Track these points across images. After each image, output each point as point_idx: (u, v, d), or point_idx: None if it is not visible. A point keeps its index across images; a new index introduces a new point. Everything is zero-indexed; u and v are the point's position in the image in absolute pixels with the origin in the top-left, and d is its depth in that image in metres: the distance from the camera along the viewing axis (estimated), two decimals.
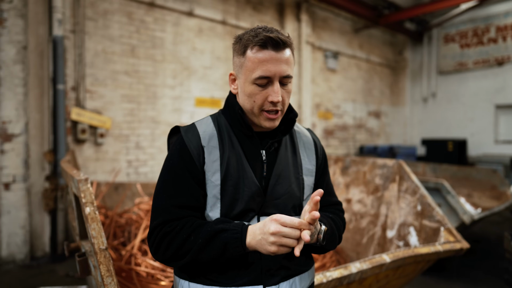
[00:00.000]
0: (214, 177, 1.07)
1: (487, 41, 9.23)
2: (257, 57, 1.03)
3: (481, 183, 5.32)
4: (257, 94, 1.05)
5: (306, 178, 1.19)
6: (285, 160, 1.15)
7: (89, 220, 1.46)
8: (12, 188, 4.27)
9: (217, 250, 0.99)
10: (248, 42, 1.05)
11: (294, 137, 1.23)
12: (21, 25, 4.30)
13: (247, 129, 1.11)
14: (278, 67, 1.03)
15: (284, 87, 1.07)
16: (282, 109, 1.09)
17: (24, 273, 4.00)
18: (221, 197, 1.07)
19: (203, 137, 1.10)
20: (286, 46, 1.05)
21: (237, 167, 1.08)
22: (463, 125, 9.65)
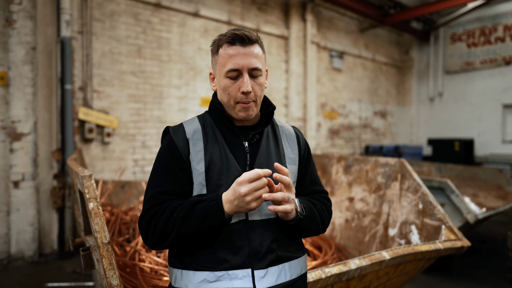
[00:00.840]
0: (198, 166, 1.15)
1: (495, 40, 9.14)
2: (227, 53, 1.14)
3: (487, 183, 5.29)
4: (230, 86, 1.16)
5: (289, 166, 1.27)
6: (267, 150, 1.23)
7: (93, 215, 1.50)
8: (21, 186, 4.36)
9: (197, 220, 1.06)
10: (220, 41, 1.18)
11: (276, 130, 1.32)
12: (30, 27, 4.39)
13: (229, 123, 1.21)
14: (245, 60, 1.13)
15: (254, 79, 1.16)
16: (255, 100, 1.18)
17: (33, 270, 4.08)
18: (206, 183, 1.14)
19: (188, 132, 1.21)
20: (252, 42, 1.16)
21: (220, 156, 1.17)
22: (470, 124, 9.57)
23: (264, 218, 1.16)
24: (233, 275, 1.10)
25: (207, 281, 1.10)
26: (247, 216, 1.14)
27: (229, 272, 1.10)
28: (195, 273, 1.12)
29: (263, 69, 1.19)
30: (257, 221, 1.15)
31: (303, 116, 7.55)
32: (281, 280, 1.15)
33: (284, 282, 1.15)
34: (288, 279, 1.17)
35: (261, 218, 1.15)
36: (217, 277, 1.10)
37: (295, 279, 1.20)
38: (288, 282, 1.16)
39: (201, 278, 1.11)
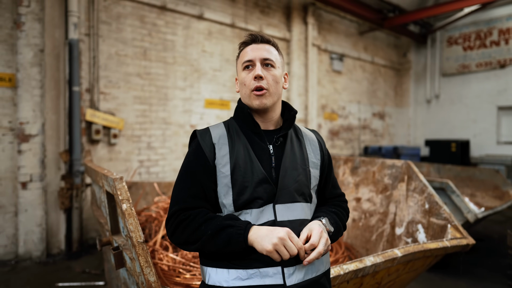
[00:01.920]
0: (224, 169, 1.23)
1: (490, 44, 9.33)
2: (243, 52, 1.31)
3: (484, 183, 5.43)
4: (246, 77, 1.28)
5: (312, 170, 1.34)
6: (292, 154, 1.31)
7: (126, 215, 1.58)
8: (29, 187, 4.41)
9: (222, 242, 1.14)
10: (241, 46, 1.35)
11: (299, 135, 1.40)
12: (38, 29, 4.44)
13: (255, 127, 1.29)
14: (258, 52, 1.27)
15: (267, 68, 1.27)
16: (267, 88, 1.26)
17: (41, 270, 4.13)
18: (232, 186, 1.21)
19: (214, 137, 1.29)
20: (265, 41, 1.31)
21: (245, 159, 1.24)
22: (466, 126, 9.75)
23: (292, 219, 1.23)
24: (264, 273, 1.17)
25: (240, 279, 1.17)
26: (275, 217, 1.21)
27: (260, 270, 1.17)
28: (228, 271, 1.19)
29: (277, 63, 1.29)
30: (285, 222, 1.22)
31: (304, 118, 7.66)
32: (308, 276, 1.22)
33: (311, 278, 1.23)
34: (315, 275, 1.25)
35: (288, 219, 1.23)
36: (249, 275, 1.17)
37: (321, 275, 1.28)
38: (314, 278, 1.24)
39: (234, 276, 1.17)
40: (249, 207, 1.21)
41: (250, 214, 1.20)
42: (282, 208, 1.23)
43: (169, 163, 5.70)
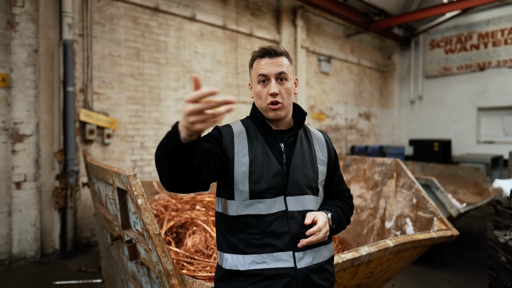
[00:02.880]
0: (244, 159, 1.36)
1: (470, 47, 9.73)
2: (258, 64, 1.40)
3: (465, 181, 5.71)
4: (261, 91, 1.38)
5: (320, 166, 1.48)
6: (301, 151, 1.45)
7: (142, 210, 1.69)
8: (23, 187, 4.42)
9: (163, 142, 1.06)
10: (253, 57, 1.44)
11: (308, 134, 1.54)
12: (32, 29, 4.45)
13: (267, 128, 1.43)
14: (272, 68, 1.37)
15: (281, 83, 1.38)
16: (282, 102, 1.37)
17: (37, 269, 4.15)
18: (249, 175, 1.34)
19: (235, 131, 1.42)
20: (278, 54, 1.39)
21: (262, 154, 1.38)
22: (448, 126, 10.13)
23: (301, 210, 1.38)
24: (277, 257, 1.31)
25: (255, 262, 1.30)
26: (286, 208, 1.35)
27: (273, 254, 1.31)
28: (244, 256, 1.32)
29: (289, 75, 1.40)
30: (295, 212, 1.36)
31: None
32: (316, 261, 1.37)
33: (318, 263, 1.38)
34: (321, 260, 1.40)
35: (297, 209, 1.37)
36: (263, 259, 1.30)
37: (326, 260, 1.43)
38: (321, 262, 1.39)
39: (250, 260, 1.31)
40: (263, 197, 1.33)
41: (264, 203, 1.33)
42: (292, 199, 1.37)
43: None
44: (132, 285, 2.21)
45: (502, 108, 9.27)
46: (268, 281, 1.28)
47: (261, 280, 1.29)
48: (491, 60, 9.34)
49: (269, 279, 1.28)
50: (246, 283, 1.30)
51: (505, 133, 9.34)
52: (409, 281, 3.96)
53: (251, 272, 1.30)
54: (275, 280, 1.28)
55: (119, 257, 2.45)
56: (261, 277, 1.29)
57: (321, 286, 1.37)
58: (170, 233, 2.90)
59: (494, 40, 9.30)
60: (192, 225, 2.94)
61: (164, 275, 1.54)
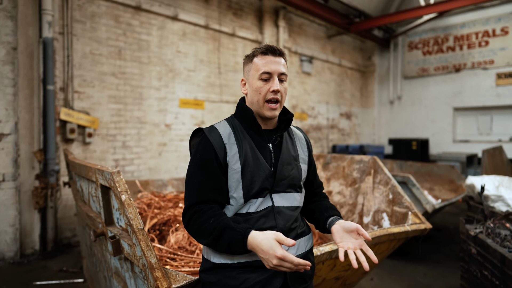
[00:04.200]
0: (235, 166, 1.39)
1: (446, 49, 10.07)
2: (261, 60, 1.41)
3: (441, 178, 5.93)
4: (262, 87, 1.39)
5: (302, 165, 1.56)
6: (287, 151, 1.51)
7: (126, 205, 1.72)
8: (2, 186, 4.34)
9: (225, 244, 1.28)
10: (255, 52, 1.45)
11: (291, 134, 1.61)
12: (11, 27, 4.38)
13: (257, 127, 1.46)
14: (276, 66, 1.40)
15: (281, 83, 1.41)
16: (280, 101, 1.41)
17: (15, 270, 4.09)
18: (242, 180, 1.38)
19: (224, 136, 1.42)
20: (281, 54, 1.44)
21: (252, 157, 1.42)
22: (426, 126, 10.45)
23: (287, 206, 1.45)
24: None
25: (243, 256, 1.35)
26: (273, 204, 1.42)
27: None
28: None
29: (287, 77, 1.47)
30: (281, 207, 1.43)
31: None
32: (299, 252, 1.46)
33: (302, 253, 1.47)
34: (304, 250, 1.49)
35: (283, 205, 1.44)
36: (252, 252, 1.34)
37: (308, 250, 1.53)
38: (303, 253, 1.48)
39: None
40: (256, 197, 1.40)
41: (255, 203, 1.40)
42: (278, 196, 1.44)
43: (144, 162, 5.75)
44: (115, 281, 2.23)
45: (477, 108, 9.64)
46: (257, 270, 1.34)
47: (251, 270, 1.35)
48: (466, 62, 9.70)
49: (259, 269, 1.34)
50: (234, 272, 1.35)
51: (479, 132, 9.72)
52: (387, 275, 4.10)
53: (239, 264, 1.35)
54: (264, 268, 1.34)
55: (102, 254, 2.46)
56: (250, 267, 1.35)
57: (305, 274, 1.46)
58: (154, 230, 2.92)
59: (469, 42, 9.66)
60: (175, 222, 2.97)
61: (148, 268, 1.58)
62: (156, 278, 1.54)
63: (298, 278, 1.42)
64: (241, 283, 1.34)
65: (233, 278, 1.35)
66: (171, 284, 1.52)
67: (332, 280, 2.45)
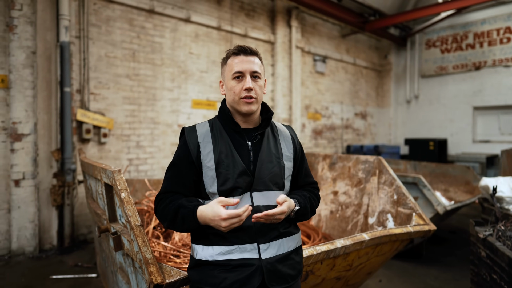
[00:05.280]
0: (209, 163, 1.45)
1: (466, 47, 9.80)
2: (233, 61, 1.48)
3: (457, 179, 5.79)
4: (235, 86, 1.46)
5: (285, 162, 1.57)
6: (267, 149, 1.53)
7: (125, 203, 1.80)
8: (22, 184, 4.55)
9: (180, 223, 1.40)
10: (228, 54, 1.52)
11: (275, 132, 1.63)
12: (30, 32, 4.58)
13: (235, 126, 1.51)
14: (248, 65, 1.46)
15: (254, 81, 1.47)
16: (256, 97, 1.46)
17: (35, 264, 4.28)
18: (217, 177, 1.44)
19: (199, 136, 1.51)
20: (253, 53, 1.50)
21: (227, 154, 1.47)
22: (444, 125, 10.20)
23: (266, 205, 1.47)
24: (243, 248, 1.41)
25: (222, 254, 1.41)
26: (252, 203, 1.45)
27: (239, 246, 1.41)
28: (213, 248, 1.42)
29: (262, 75, 1.51)
30: (260, 207, 1.45)
31: (289, 117, 7.93)
32: (280, 252, 1.47)
33: (283, 253, 1.47)
34: (286, 250, 1.49)
35: (263, 204, 1.46)
36: (231, 250, 1.40)
37: (292, 250, 1.52)
38: (286, 253, 1.48)
39: (217, 252, 1.41)
40: (232, 195, 1.43)
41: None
42: (258, 195, 1.47)
43: (158, 161, 5.89)
44: (120, 276, 2.32)
45: (498, 107, 9.33)
46: (235, 270, 1.39)
47: (229, 269, 1.39)
48: (487, 60, 9.41)
49: (236, 268, 1.39)
50: (215, 271, 1.40)
51: (501, 132, 9.41)
52: (396, 277, 4.06)
53: (218, 262, 1.40)
54: (241, 268, 1.38)
55: (109, 250, 2.57)
56: (228, 266, 1.39)
57: (286, 274, 1.46)
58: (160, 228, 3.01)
59: (490, 39, 9.37)
60: None
61: (143, 263, 1.65)
62: (150, 273, 1.61)
63: (278, 278, 1.43)
64: (220, 282, 1.38)
65: (214, 277, 1.40)
66: (165, 279, 1.58)
67: (332, 280, 2.46)
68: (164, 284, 1.55)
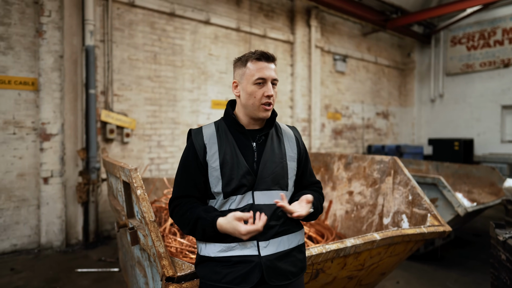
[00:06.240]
0: (214, 164, 1.51)
1: (494, 43, 9.44)
2: (255, 66, 1.50)
3: (481, 180, 5.61)
4: (257, 91, 1.49)
5: (289, 162, 1.61)
6: (271, 150, 1.57)
7: (140, 199, 1.89)
8: (50, 182, 4.79)
9: (200, 233, 1.47)
10: (248, 57, 1.53)
11: (279, 133, 1.67)
12: (58, 37, 4.82)
13: (240, 128, 1.56)
14: (269, 72, 1.50)
15: (273, 87, 1.52)
16: (273, 103, 1.53)
17: (62, 258, 4.50)
18: (221, 177, 1.49)
19: (205, 137, 1.56)
20: (273, 60, 1.54)
21: (232, 155, 1.51)
22: (470, 125, 9.88)
23: (268, 203, 1.51)
24: (243, 246, 1.46)
25: (224, 250, 1.46)
26: (253, 201, 1.49)
27: (240, 243, 1.46)
28: (215, 245, 1.48)
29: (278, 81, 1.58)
30: (261, 205, 1.50)
31: (308, 117, 7.92)
32: (280, 249, 1.50)
33: (283, 251, 1.50)
34: (287, 248, 1.52)
35: (264, 203, 1.51)
36: (231, 247, 1.46)
37: (294, 247, 1.55)
38: (286, 250, 1.51)
39: (219, 249, 1.47)
40: (235, 194, 1.49)
41: (235, 200, 1.49)
42: (260, 194, 1.51)
43: (178, 160, 6.02)
44: (138, 270, 2.44)
45: None
46: (235, 266, 1.44)
47: (230, 265, 1.45)
48: None
49: (236, 264, 1.45)
50: (217, 267, 1.47)
51: None
52: (414, 279, 4.00)
53: (220, 259, 1.47)
54: (241, 264, 1.44)
55: (128, 245, 2.69)
56: (229, 262, 1.45)
57: (287, 271, 1.49)
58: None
59: None
60: None
61: (156, 257, 1.74)
62: (163, 266, 1.70)
63: (277, 274, 1.46)
64: (222, 278, 1.45)
65: (216, 273, 1.46)
66: (176, 272, 1.66)
67: (344, 279, 2.48)
68: (175, 277, 1.63)
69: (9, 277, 3.88)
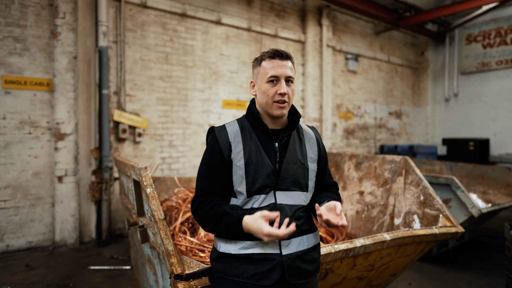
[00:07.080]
0: (239, 163, 1.50)
1: (511, 41, 9.21)
2: (269, 64, 1.50)
3: (496, 181, 5.48)
4: (270, 89, 1.48)
5: (310, 164, 1.61)
6: (293, 150, 1.57)
7: (150, 198, 1.92)
8: (64, 180, 4.89)
9: (224, 230, 1.44)
10: (263, 56, 1.54)
11: (300, 134, 1.66)
12: (72, 38, 4.91)
13: (264, 127, 1.55)
14: (283, 70, 1.49)
15: (288, 85, 1.51)
16: (288, 101, 1.50)
17: (75, 255, 4.59)
18: (246, 176, 1.49)
19: (230, 135, 1.55)
20: (288, 58, 1.52)
21: (256, 155, 1.51)
22: (486, 124, 9.66)
23: (290, 204, 1.52)
24: (265, 243, 1.46)
25: (245, 248, 1.47)
26: (276, 201, 1.50)
27: (261, 241, 1.46)
28: (236, 242, 1.49)
29: (295, 79, 1.55)
30: (283, 205, 1.51)
31: (319, 117, 7.88)
32: (300, 248, 1.51)
33: (302, 250, 1.52)
34: (306, 247, 1.54)
35: (286, 203, 1.52)
36: (253, 245, 1.46)
37: (312, 247, 1.57)
38: (305, 250, 1.53)
39: (240, 245, 1.47)
40: (259, 193, 1.49)
41: (258, 199, 1.50)
42: (282, 194, 1.52)
43: (189, 160, 6.08)
44: (148, 267, 2.47)
45: None
46: (257, 263, 1.45)
47: (251, 261, 1.45)
48: None
49: (258, 261, 1.45)
50: (237, 262, 1.48)
51: None
52: (426, 280, 3.94)
53: (241, 256, 1.47)
54: (263, 262, 1.44)
55: (139, 243, 2.72)
56: (251, 259, 1.46)
57: (305, 270, 1.51)
58: (187, 224, 3.14)
59: None
60: None
61: (165, 255, 1.76)
62: (171, 264, 1.71)
63: (297, 273, 1.48)
64: (242, 273, 1.45)
65: (235, 268, 1.46)
66: (185, 270, 1.67)
67: (354, 279, 2.46)
68: (184, 274, 1.64)
69: (25, 273, 3.97)
